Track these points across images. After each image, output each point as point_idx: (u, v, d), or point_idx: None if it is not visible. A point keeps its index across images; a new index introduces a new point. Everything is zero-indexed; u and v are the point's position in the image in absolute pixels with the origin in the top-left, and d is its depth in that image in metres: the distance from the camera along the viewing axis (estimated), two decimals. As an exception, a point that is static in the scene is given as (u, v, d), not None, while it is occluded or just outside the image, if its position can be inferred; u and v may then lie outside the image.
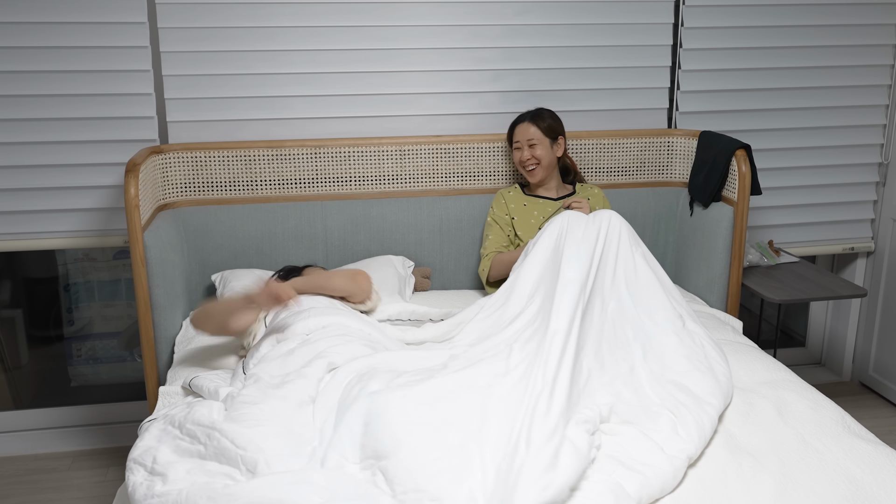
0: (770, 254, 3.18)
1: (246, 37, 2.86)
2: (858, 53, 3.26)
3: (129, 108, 2.84)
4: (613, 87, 3.13)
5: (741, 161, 2.82)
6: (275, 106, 2.94)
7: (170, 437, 1.81)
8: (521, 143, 2.85)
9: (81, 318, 3.41)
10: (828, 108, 3.30)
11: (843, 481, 1.71)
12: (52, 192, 2.87)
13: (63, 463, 3.03)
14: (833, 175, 3.37)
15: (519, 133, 2.86)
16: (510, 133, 2.91)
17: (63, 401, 3.30)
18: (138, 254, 2.48)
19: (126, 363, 3.47)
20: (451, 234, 3.03)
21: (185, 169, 2.85)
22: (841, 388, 3.62)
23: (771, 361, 2.30)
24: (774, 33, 3.18)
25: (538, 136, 2.82)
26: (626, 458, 1.73)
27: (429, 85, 3.01)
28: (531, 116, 2.86)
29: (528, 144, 2.83)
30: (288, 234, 2.93)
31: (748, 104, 3.23)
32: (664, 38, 3.12)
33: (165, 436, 1.82)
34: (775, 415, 1.99)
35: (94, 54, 2.78)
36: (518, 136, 2.86)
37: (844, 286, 2.96)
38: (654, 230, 3.16)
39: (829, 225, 3.43)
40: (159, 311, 2.56)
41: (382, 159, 2.97)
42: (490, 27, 2.99)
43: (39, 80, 2.77)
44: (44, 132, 2.81)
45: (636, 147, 3.13)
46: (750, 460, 1.80)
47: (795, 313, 3.94)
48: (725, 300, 2.90)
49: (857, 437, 1.88)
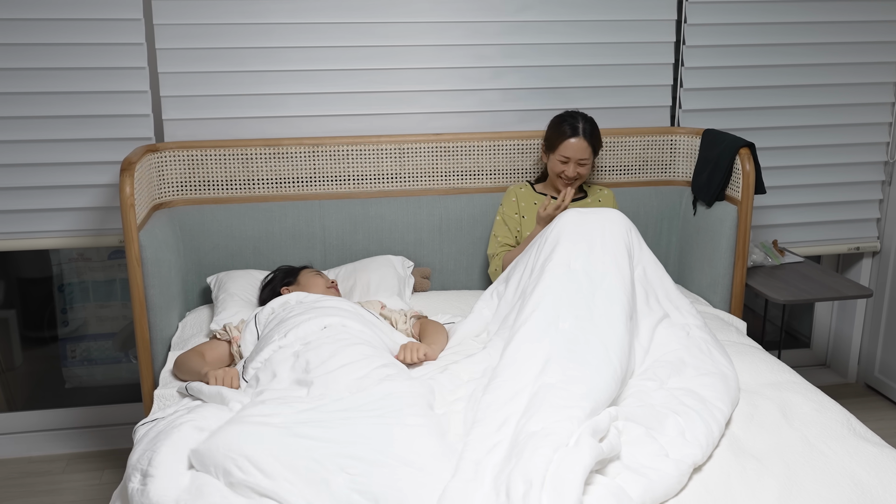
0: (774, 253, 3.18)
1: (243, 34, 2.86)
2: (864, 50, 3.26)
3: (124, 106, 2.84)
4: (615, 85, 3.13)
5: (745, 159, 2.82)
6: (272, 104, 2.93)
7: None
8: (570, 159, 2.75)
9: (76, 319, 3.41)
10: (833, 106, 3.30)
11: (849, 484, 1.71)
12: (46, 191, 2.87)
13: (57, 466, 3.03)
14: (838, 174, 3.37)
15: (573, 150, 2.75)
16: (557, 142, 2.78)
17: (57, 402, 3.30)
18: (133, 253, 2.48)
19: (121, 365, 3.47)
20: (450, 234, 3.03)
21: (181, 167, 2.85)
22: (846, 390, 3.62)
23: (775, 363, 2.30)
24: (779, 30, 3.18)
25: (590, 154, 2.77)
26: (631, 461, 1.73)
27: (428, 82, 3.01)
28: (590, 135, 2.76)
29: (580, 164, 2.76)
30: (285, 234, 2.93)
31: (752, 102, 3.23)
32: (667, 35, 3.12)
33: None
34: (780, 417, 1.99)
35: (89, 51, 2.77)
36: (570, 153, 2.75)
37: (850, 286, 2.96)
38: (657, 229, 3.16)
39: (835, 224, 3.43)
40: (155, 311, 2.55)
41: (381, 158, 2.97)
42: (490, 23, 2.99)
43: (33, 78, 2.76)
44: (38, 130, 2.81)
45: (639, 145, 3.13)
46: (754, 463, 1.80)
47: (800, 314, 3.94)
48: (729, 301, 2.90)
49: (862, 440, 1.88)
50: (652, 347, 2.24)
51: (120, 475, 2.77)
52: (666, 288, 2.44)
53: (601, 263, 2.28)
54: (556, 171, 2.80)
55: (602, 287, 2.22)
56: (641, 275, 2.42)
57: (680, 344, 2.23)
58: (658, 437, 1.82)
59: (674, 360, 2.17)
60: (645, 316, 2.33)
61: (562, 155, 2.77)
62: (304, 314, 2.27)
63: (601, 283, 2.23)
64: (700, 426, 1.86)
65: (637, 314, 2.30)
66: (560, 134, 2.78)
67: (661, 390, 2.03)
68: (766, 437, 1.90)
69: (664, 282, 2.45)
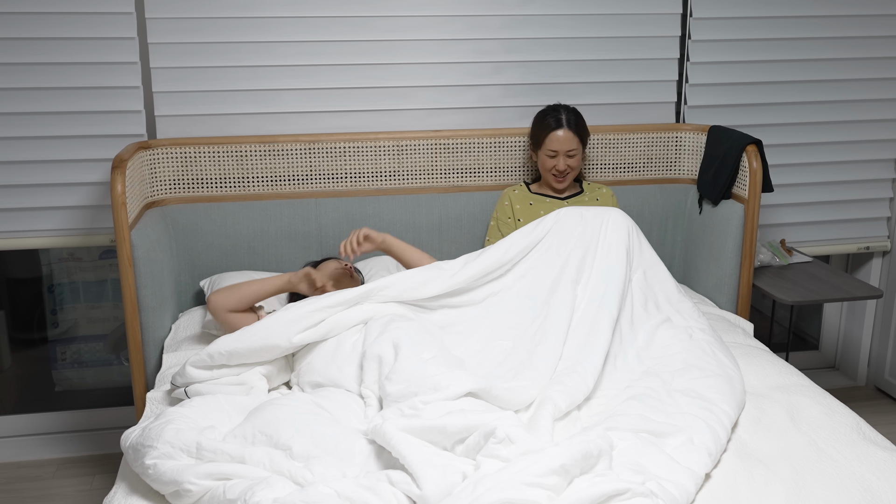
0: (782, 253, 3.18)
1: (237, 28, 2.85)
2: (875, 45, 3.26)
3: (115, 102, 2.83)
4: (619, 80, 3.13)
5: (752, 157, 2.82)
6: (267, 100, 2.93)
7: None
8: (558, 152, 2.78)
9: (66, 321, 3.41)
10: (843, 102, 3.30)
11: (858, 490, 1.71)
12: (36, 190, 2.87)
13: (47, 471, 3.02)
14: (848, 171, 3.37)
15: (559, 142, 2.77)
16: (543, 137, 2.81)
17: (47, 406, 3.30)
18: (125, 253, 2.47)
19: (112, 367, 3.47)
20: (450, 233, 3.03)
21: (173, 165, 2.85)
22: (856, 393, 3.62)
23: (783, 365, 2.30)
24: (787, 24, 3.18)
25: (577, 145, 2.79)
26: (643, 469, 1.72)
27: (427, 78, 3.01)
28: (574, 125, 2.79)
29: (568, 155, 2.78)
30: (281, 233, 2.92)
31: (760, 98, 3.23)
32: (672, 29, 3.12)
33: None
34: (788, 421, 1.99)
35: (80, 46, 2.77)
36: (556, 146, 2.77)
37: (859, 287, 2.96)
38: (662, 229, 3.16)
39: (844, 223, 3.43)
40: (147, 312, 2.55)
41: (379, 155, 2.97)
42: (491, 17, 2.99)
43: (22, 73, 2.76)
44: (26, 127, 2.81)
45: (643, 142, 3.13)
46: (761, 468, 1.79)
47: (808, 315, 3.94)
48: (736, 301, 2.90)
49: (872, 444, 1.88)
50: (652, 350, 2.24)
51: (111, 480, 2.77)
52: (667, 291, 2.44)
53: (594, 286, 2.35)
54: (546, 168, 2.82)
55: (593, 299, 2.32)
56: (641, 278, 2.43)
57: (682, 347, 2.23)
58: (665, 444, 1.82)
59: (676, 362, 2.17)
60: (643, 320, 2.33)
61: (549, 149, 2.79)
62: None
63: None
64: (706, 431, 1.85)
65: (634, 319, 2.32)
66: (544, 128, 2.80)
67: (665, 393, 2.03)
68: (773, 442, 1.90)
69: (665, 285, 2.45)
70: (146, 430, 1.82)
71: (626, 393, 2.05)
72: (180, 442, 1.75)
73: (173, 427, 1.79)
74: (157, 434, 1.77)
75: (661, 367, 2.16)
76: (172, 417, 1.84)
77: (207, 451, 1.73)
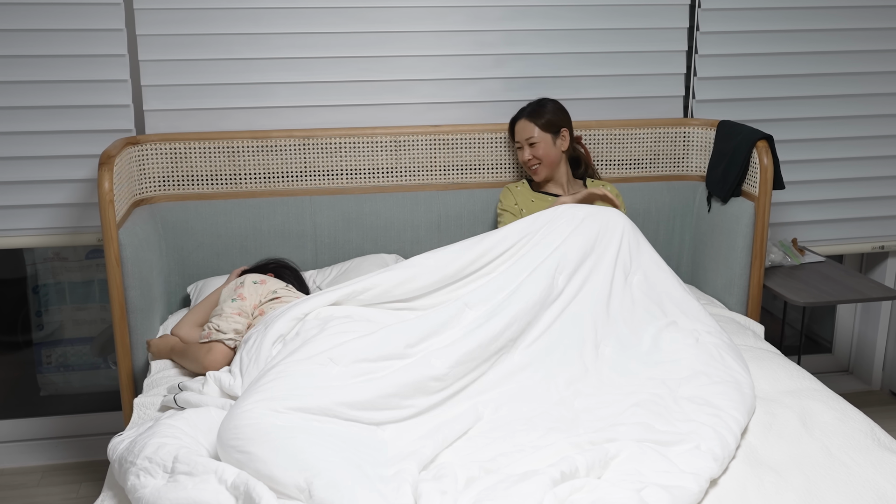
0: (794, 253, 3.18)
1: (228, 19, 2.86)
2: (889, 37, 3.26)
3: (102, 96, 2.84)
4: (625, 74, 3.13)
5: (763, 153, 2.82)
6: (260, 93, 2.93)
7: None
8: (521, 142, 2.88)
9: (51, 323, 3.41)
10: (857, 96, 3.30)
11: (873, 498, 1.71)
12: (20, 187, 2.87)
13: (32, 478, 3.03)
14: (862, 168, 3.37)
15: (518, 132, 2.89)
16: (510, 131, 2.95)
17: (32, 411, 3.29)
18: (113, 253, 2.48)
19: (100, 371, 3.47)
20: (450, 232, 3.03)
21: (163, 161, 2.85)
22: (870, 398, 3.62)
23: (795, 369, 2.30)
24: (798, 15, 3.18)
25: (538, 133, 2.84)
26: (646, 477, 1.72)
27: (426, 71, 3.01)
28: (529, 113, 2.88)
29: (529, 143, 2.85)
30: (274, 232, 2.93)
31: (771, 91, 3.23)
32: (680, 21, 3.12)
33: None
34: (799, 426, 1.99)
35: (65, 38, 2.77)
36: (517, 136, 2.90)
37: (874, 288, 2.97)
38: (669, 227, 3.16)
39: (858, 222, 3.43)
40: (135, 314, 2.55)
41: (376, 151, 2.97)
42: (492, 8, 2.99)
43: (3, 66, 2.76)
44: (10, 121, 2.81)
45: (650, 138, 3.13)
46: (772, 475, 1.80)
47: (821, 317, 3.95)
48: (746, 303, 2.90)
49: (887, 451, 1.88)
50: (657, 356, 2.24)
51: (98, 488, 2.77)
52: (671, 292, 2.43)
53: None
54: (521, 162, 2.92)
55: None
56: (642, 279, 2.43)
57: (688, 352, 2.23)
58: (670, 450, 1.82)
59: (683, 369, 2.17)
60: (646, 323, 2.33)
61: (514, 142, 2.93)
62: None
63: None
64: (714, 437, 1.85)
65: (635, 322, 2.33)
66: (510, 124, 2.94)
67: (672, 400, 2.03)
68: (785, 448, 1.90)
69: (668, 286, 2.44)
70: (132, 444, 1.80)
71: (630, 399, 2.05)
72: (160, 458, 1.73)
73: (156, 442, 1.78)
74: (140, 450, 1.75)
75: (667, 374, 2.16)
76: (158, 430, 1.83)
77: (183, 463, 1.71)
